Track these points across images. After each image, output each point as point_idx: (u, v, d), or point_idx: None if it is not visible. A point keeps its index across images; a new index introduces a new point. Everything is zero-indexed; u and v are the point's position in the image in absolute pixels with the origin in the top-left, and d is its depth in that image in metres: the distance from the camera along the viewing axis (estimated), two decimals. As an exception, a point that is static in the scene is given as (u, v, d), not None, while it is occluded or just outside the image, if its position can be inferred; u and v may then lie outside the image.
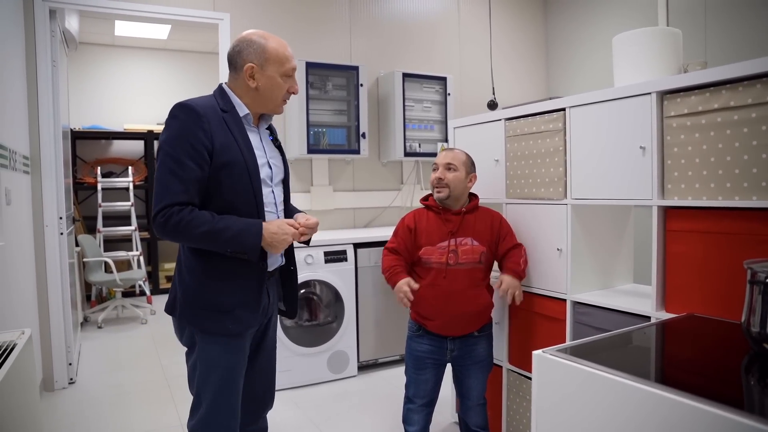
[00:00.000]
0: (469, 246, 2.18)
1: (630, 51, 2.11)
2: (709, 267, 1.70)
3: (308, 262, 3.41)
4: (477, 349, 2.24)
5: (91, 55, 6.49)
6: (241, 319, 1.66)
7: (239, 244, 1.58)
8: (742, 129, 1.61)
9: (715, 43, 3.61)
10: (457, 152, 2.24)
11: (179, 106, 1.60)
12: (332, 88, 4.02)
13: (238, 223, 1.58)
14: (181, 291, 1.67)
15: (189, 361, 1.72)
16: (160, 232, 1.56)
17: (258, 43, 1.68)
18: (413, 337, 2.27)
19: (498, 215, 2.32)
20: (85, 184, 6.10)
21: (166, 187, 1.54)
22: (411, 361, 2.27)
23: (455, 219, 2.20)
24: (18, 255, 2.78)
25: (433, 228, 2.20)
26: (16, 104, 2.93)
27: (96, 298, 5.90)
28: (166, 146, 1.57)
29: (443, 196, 2.19)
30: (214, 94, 1.72)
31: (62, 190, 3.49)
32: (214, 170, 1.59)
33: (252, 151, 1.67)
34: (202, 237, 1.55)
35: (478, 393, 2.27)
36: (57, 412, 3.08)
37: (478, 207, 2.28)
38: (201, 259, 1.64)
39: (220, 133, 1.60)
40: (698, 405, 0.96)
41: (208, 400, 1.67)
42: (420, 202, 2.32)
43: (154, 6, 3.62)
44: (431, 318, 2.18)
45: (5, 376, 1.72)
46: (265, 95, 1.70)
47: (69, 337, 3.49)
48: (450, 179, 2.18)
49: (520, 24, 5.01)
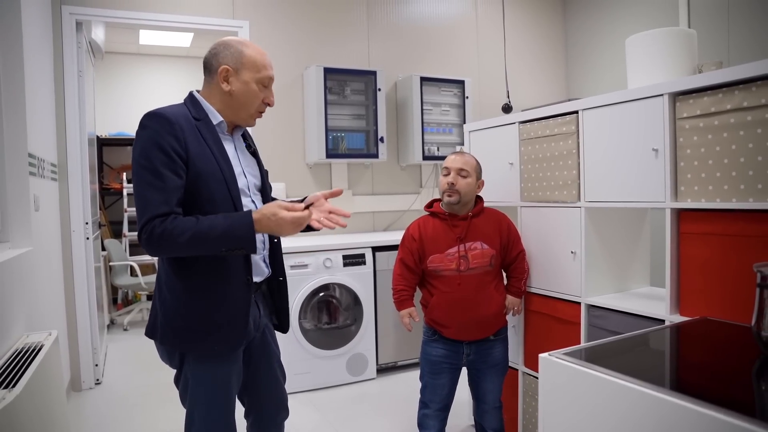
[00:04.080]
0: (479, 250, 2.18)
1: (644, 52, 2.09)
2: (723, 269, 1.69)
3: (327, 265, 3.45)
4: (493, 352, 2.24)
5: (117, 64, 6.65)
6: (228, 337, 1.57)
7: (232, 240, 1.47)
8: (755, 130, 1.59)
9: (739, 42, 3.55)
10: (468, 157, 2.23)
11: (148, 116, 1.53)
12: (351, 92, 4.05)
13: (224, 219, 1.48)
14: (162, 312, 1.57)
15: (179, 380, 1.64)
16: (147, 248, 1.46)
17: (235, 47, 1.61)
18: (428, 342, 2.27)
19: (504, 217, 2.31)
20: (111, 190, 6.25)
21: (145, 200, 1.45)
22: (426, 366, 2.26)
23: (462, 224, 2.19)
24: (46, 259, 2.88)
25: (440, 235, 2.20)
26: (44, 114, 3.04)
27: (122, 301, 6.04)
28: (140, 158, 1.48)
29: (454, 201, 2.18)
30: (185, 102, 1.64)
31: (88, 196, 3.60)
32: (190, 180, 1.51)
33: (228, 160, 1.60)
34: (189, 243, 1.44)
35: (494, 396, 2.27)
36: (84, 412, 3.17)
37: (484, 209, 2.27)
38: (182, 276, 1.55)
39: (193, 142, 1.53)
40: (707, 411, 0.96)
41: (201, 417, 1.60)
42: (424, 209, 2.32)
43: (176, 15, 3.71)
44: (446, 325, 2.18)
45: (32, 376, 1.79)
46: (239, 101, 1.62)
47: (95, 339, 3.59)
48: (462, 185, 2.17)
49: (539, 25, 4.98)
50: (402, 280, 2.23)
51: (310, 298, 3.44)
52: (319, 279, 3.44)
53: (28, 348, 2.04)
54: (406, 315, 2.22)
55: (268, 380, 1.79)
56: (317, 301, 3.48)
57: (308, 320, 3.44)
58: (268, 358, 1.78)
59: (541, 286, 2.37)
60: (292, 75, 4.02)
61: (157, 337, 1.59)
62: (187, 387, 1.61)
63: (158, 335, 1.58)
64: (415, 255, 2.21)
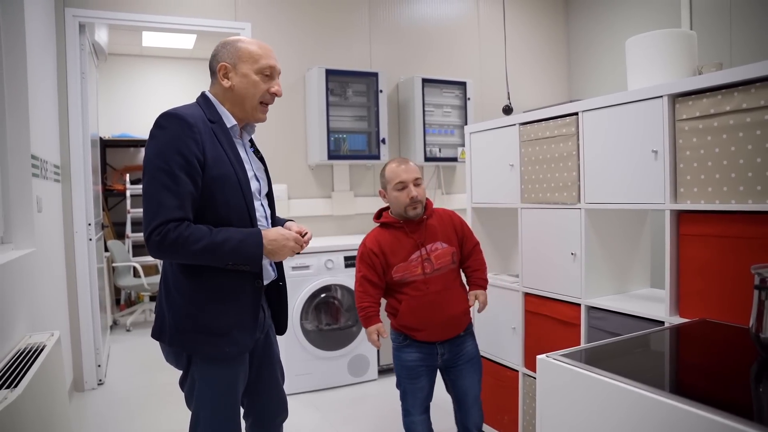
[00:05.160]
0: (440, 250, 2.18)
1: (643, 54, 2.09)
2: (722, 271, 1.69)
3: (328, 266, 3.46)
4: (466, 347, 2.24)
5: (120, 66, 6.68)
6: (237, 340, 1.57)
7: (241, 255, 1.49)
8: (755, 131, 1.59)
9: (741, 43, 3.54)
10: (412, 163, 2.21)
11: (167, 116, 1.52)
12: (352, 94, 4.07)
13: (237, 234, 1.50)
14: (170, 314, 1.56)
15: (185, 382, 1.64)
16: (156, 251, 1.45)
17: (232, 44, 1.64)
18: (401, 348, 2.24)
19: (453, 213, 2.32)
20: (114, 191, 6.28)
21: (159, 203, 1.44)
22: (403, 372, 2.23)
23: (419, 228, 2.19)
24: (48, 260, 2.89)
25: (399, 244, 2.17)
26: (47, 115, 3.06)
27: (125, 302, 6.06)
28: (157, 159, 1.46)
29: (420, 212, 2.17)
30: (198, 103, 1.65)
31: (91, 197, 3.62)
32: (206, 184, 1.51)
33: (242, 164, 1.61)
34: (201, 252, 1.45)
35: (474, 392, 2.25)
36: (86, 412, 3.19)
37: (434, 210, 2.26)
38: (192, 278, 1.54)
39: (210, 146, 1.53)
40: (705, 414, 0.96)
41: (206, 419, 1.60)
42: (374, 221, 2.28)
43: (179, 17, 3.73)
44: (418, 329, 2.16)
45: (34, 376, 1.80)
46: (240, 94, 1.62)
47: (98, 340, 3.61)
48: (421, 194, 2.16)
49: (541, 26, 4.99)
50: (366, 297, 2.18)
51: (312, 299, 3.45)
52: (320, 280, 3.45)
53: (30, 348, 2.05)
54: (373, 332, 2.17)
55: (269, 382, 1.79)
56: (319, 302, 3.49)
57: (310, 321, 3.45)
58: (270, 360, 1.79)
59: (541, 287, 2.37)
60: (294, 76, 4.03)
61: (165, 339, 1.58)
62: (194, 389, 1.61)
63: (166, 337, 1.57)
64: (378, 269, 2.17)
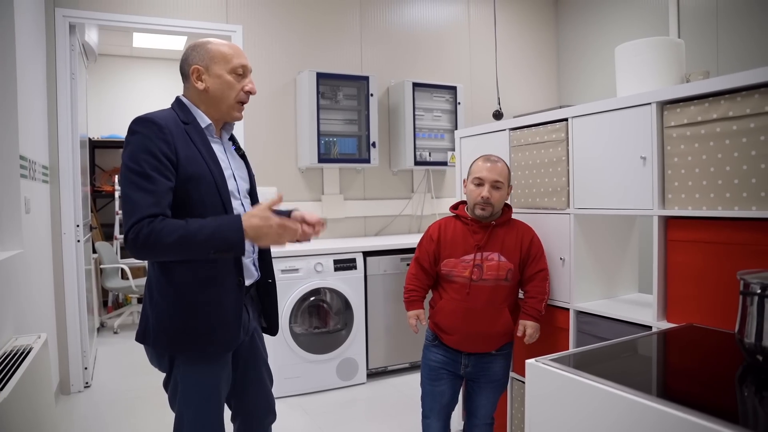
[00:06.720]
0: (495, 262, 2.07)
1: (632, 61, 2.12)
2: (709, 277, 1.71)
3: (318, 270, 3.46)
4: (493, 367, 2.14)
5: (110, 66, 6.64)
6: (219, 340, 1.58)
7: (220, 241, 1.46)
8: (741, 139, 1.61)
9: (728, 51, 3.59)
10: (502, 165, 2.10)
11: (138, 121, 1.54)
12: (343, 97, 4.07)
13: (212, 222, 1.48)
14: (153, 316, 1.57)
15: (168, 383, 1.64)
16: (133, 250, 1.45)
17: (201, 46, 1.63)
18: (429, 347, 2.19)
19: (530, 232, 2.18)
20: (103, 192, 6.24)
21: (133, 203, 1.44)
22: (426, 372, 2.18)
23: (484, 232, 2.09)
24: (36, 262, 2.87)
25: (458, 239, 2.11)
26: (36, 116, 3.03)
27: (112, 304, 6.00)
28: (130, 162, 1.48)
29: (487, 214, 2.07)
30: (173, 107, 1.66)
31: (79, 198, 3.58)
32: (181, 184, 1.52)
33: (218, 163, 1.61)
34: (177, 245, 1.43)
35: (486, 412, 2.18)
36: (72, 415, 3.15)
37: (510, 220, 2.16)
38: (173, 278, 1.55)
39: (183, 146, 1.54)
40: (691, 418, 0.96)
41: (190, 420, 1.60)
42: (450, 209, 2.22)
43: (169, 19, 3.71)
44: (448, 332, 2.10)
45: (21, 379, 1.78)
46: (216, 96, 1.63)
47: (85, 342, 3.57)
48: (495, 199, 2.05)
49: (531, 32, 5.03)
50: (414, 280, 2.17)
51: (301, 302, 3.44)
52: (310, 283, 3.45)
53: (16, 351, 2.04)
54: (413, 316, 2.16)
55: (255, 384, 1.79)
56: (308, 305, 3.48)
57: (299, 324, 3.44)
58: (255, 362, 1.79)
59: (530, 291, 2.38)
60: (284, 80, 4.03)
61: (149, 341, 1.58)
62: (177, 390, 1.61)
63: (150, 339, 1.58)
64: (431, 256, 2.14)
